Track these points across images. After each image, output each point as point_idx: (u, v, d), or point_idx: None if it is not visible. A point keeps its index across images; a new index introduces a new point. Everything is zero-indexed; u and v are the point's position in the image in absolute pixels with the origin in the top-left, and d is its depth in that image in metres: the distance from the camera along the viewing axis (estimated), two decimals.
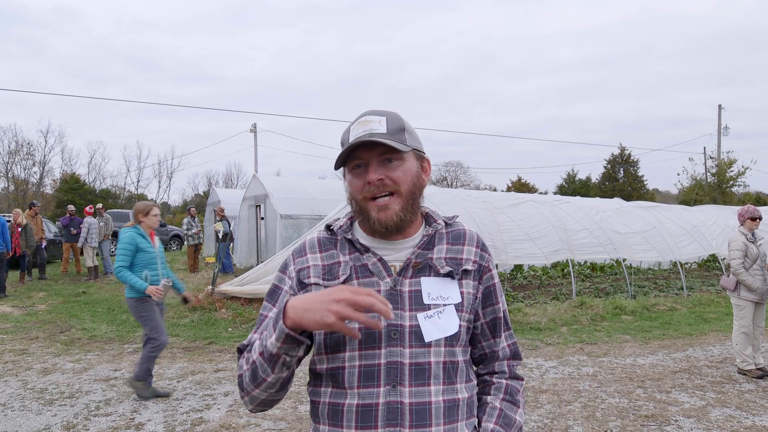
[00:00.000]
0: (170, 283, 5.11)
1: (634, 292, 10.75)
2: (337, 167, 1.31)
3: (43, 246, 13.54)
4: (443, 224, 1.38)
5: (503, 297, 1.43)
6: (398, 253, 1.32)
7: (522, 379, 1.44)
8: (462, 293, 1.30)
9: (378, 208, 1.26)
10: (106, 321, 8.42)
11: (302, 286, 1.31)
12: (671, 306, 9.66)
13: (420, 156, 1.35)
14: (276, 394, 1.25)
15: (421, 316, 1.25)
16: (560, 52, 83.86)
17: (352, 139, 1.27)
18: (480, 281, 1.36)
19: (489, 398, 1.37)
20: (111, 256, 15.00)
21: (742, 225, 5.87)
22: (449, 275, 1.30)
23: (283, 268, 1.37)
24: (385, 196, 1.27)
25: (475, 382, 1.37)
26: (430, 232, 1.34)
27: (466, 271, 1.33)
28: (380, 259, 1.30)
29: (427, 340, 1.24)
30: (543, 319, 8.36)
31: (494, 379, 1.40)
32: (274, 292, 1.35)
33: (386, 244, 1.32)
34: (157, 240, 5.23)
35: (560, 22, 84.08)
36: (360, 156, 1.27)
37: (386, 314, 1.09)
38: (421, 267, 1.30)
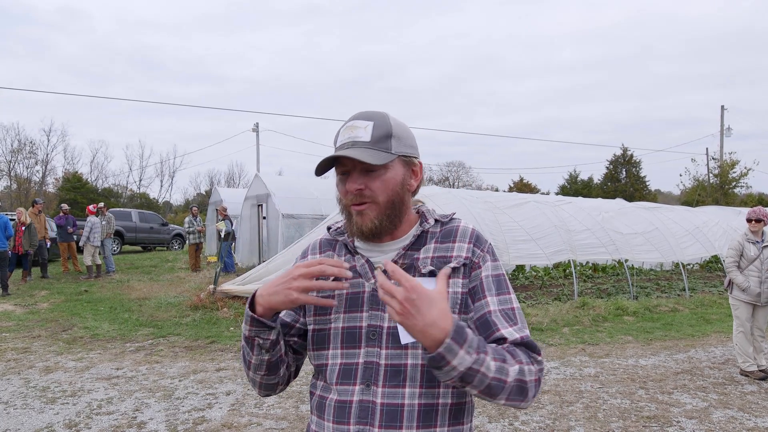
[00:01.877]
0: None
1: (636, 293, 10.72)
2: (318, 174, 1.32)
3: (47, 245, 13.57)
4: (434, 222, 1.37)
5: (505, 293, 1.28)
6: (385, 254, 1.33)
7: (539, 364, 1.21)
8: (447, 293, 1.24)
9: (357, 212, 1.29)
10: (108, 320, 8.43)
11: None
12: (673, 307, 9.64)
13: (409, 161, 1.33)
14: (267, 377, 1.32)
15: None
16: (561, 53, 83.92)
17: (338, 144, 1.30)
18: (469, 278, 1.30)
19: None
20: (113, 255, 15.04)
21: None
22: (432, 275, 1.27)
23: None
24: (364, 203, 1.28)
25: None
26: (418, 232, 1.34)
27: (453, 269, 1.29)
28: (367, 261, 1.32)
29: (402, 342, 1.23)
30: (545, 319, 8.34)
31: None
32: None
33: (375, 246, 1.34)
34: None
35: (561, 23, 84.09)
36: (344, 163, 1.29)
37: (341, 274, 1.17)
38: (406, 267, 1.30)
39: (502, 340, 1.22)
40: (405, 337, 1.23)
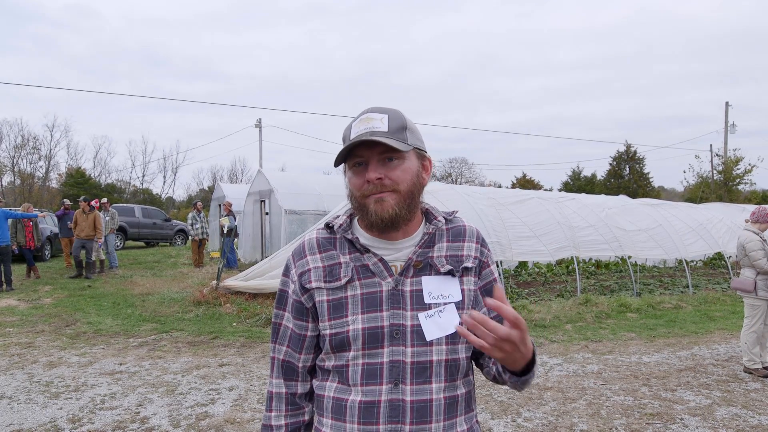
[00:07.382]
0: None
1: (639, 289, 10.70)
2: (337, 164, 1.32)
3: (100, 245, 13.01)
4: (443, 221, 1.37)
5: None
6: (399, 252, 1.32)
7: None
8: (463, 291, 1.31)
9: (375, 200, 1.26)
10: (111, 315, 8.45)
11: (304, 291, 1.33)
12: (677, 304, 9.62)
13: (421, 155, 1.34)
14: None
15: (422, 315, 1.26)
16: (564, 51, 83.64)
17: (353, 136, 1.27)
18: (479, 276, 1.37)
19: None
20: (116, 250, 15.06)
21: (753, 224, 5.84)
22: (450, 273, 1.31)
23: (286, 272, 1.39)
24: (384, 192, 1.26)
25: (473, 376, 1.38)
26: (430, 230, 1.34)
27: (466, 269, 1.33)
28: (381, 259, 1.30)
29: (428, 339, 1.25)
30: (548, 316, 8.33)
31: None
32: (282, 297, 1.39)
33: (387, 244, 1.32)
34: None
35: (564, 21, 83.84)
36: (360, 154, 1.27)
37: None
38: (422, 266, 1.30)
39: None
40: (430, 334, 1.26)
